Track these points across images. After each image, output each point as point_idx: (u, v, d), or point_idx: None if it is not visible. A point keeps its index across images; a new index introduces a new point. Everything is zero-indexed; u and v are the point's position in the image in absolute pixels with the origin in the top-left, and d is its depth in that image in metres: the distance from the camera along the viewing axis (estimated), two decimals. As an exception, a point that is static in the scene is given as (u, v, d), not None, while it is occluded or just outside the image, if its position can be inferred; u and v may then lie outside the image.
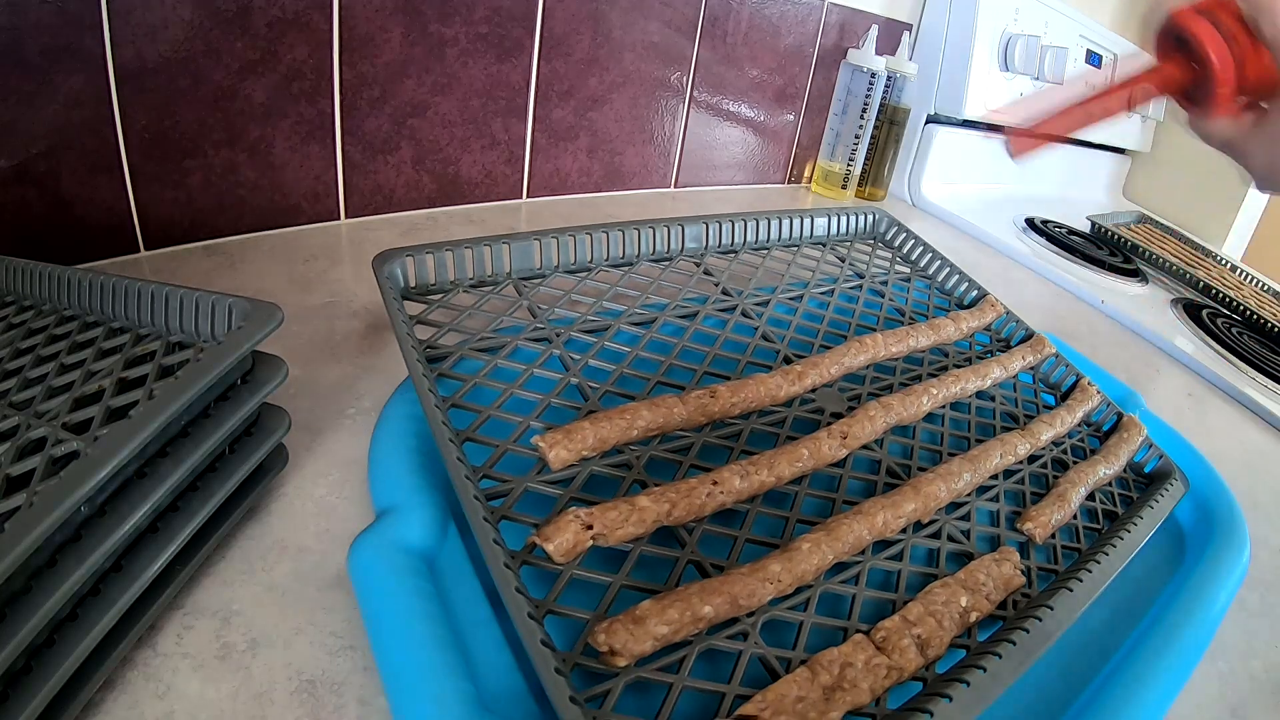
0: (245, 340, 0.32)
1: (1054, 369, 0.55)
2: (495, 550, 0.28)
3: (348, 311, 0.52)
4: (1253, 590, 0.44)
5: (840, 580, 0.33)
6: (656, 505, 0.32)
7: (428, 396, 0.34)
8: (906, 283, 0.61)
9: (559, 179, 0.77)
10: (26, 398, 0.31)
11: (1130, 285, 0.93)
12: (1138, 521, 0.41)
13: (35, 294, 0.38)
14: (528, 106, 0.70)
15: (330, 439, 0.40)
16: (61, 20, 0.44)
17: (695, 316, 0.48)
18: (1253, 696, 0.37)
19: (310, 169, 0.60)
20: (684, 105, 0.83)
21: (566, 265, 0.49)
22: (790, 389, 0.43)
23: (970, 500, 0.40)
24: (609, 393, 0.40)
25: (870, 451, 0.42)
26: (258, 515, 0.35)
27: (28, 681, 0.23)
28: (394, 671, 0.26)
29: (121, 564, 0.27)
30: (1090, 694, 0.34)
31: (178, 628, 0.29)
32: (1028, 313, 0.60)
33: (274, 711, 0.27)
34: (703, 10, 0.78)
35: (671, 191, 0.88)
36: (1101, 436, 0.51)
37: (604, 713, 0.25)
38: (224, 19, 0.51)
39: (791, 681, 0.27)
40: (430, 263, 0.44)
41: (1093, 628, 0.37)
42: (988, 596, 0.34)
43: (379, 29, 0.58)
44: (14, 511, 0.24)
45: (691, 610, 0.28)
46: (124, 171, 0.51)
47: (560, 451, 0.34)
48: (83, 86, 0.47)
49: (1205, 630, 0.37)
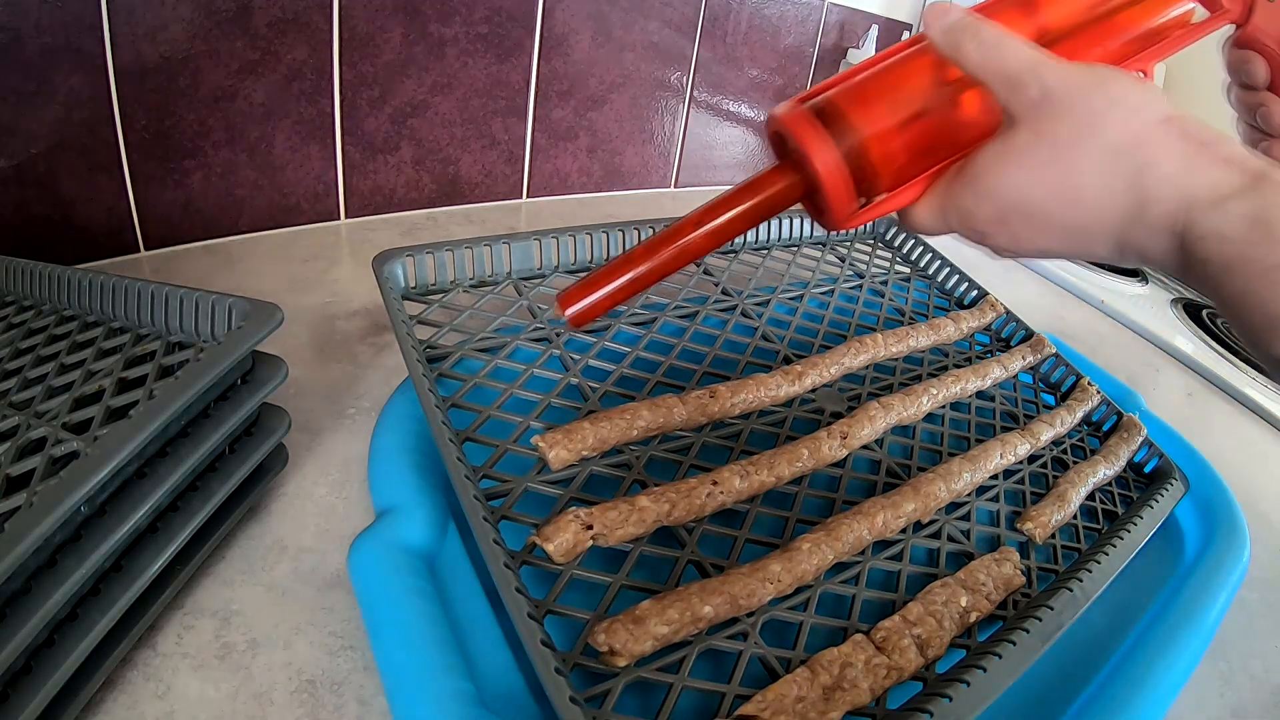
0: (245, 340, 0.32)
1: (1054, 369, 0.55)
2: (495, 550, 0.28)
3: (348, 311, 0.52)
4: (1253, 590, 0.44)
5: (840, 580, 0.33)
6: (656, 505, 0.32)
7: (428, 396, 0.34)
8: (906, 283, 0.61)
9: (559, 179, 0.77)
10: (26, 398, 0.31)
11: (1130, 285, 0.93)
12: (1138, 521, 0.40)
13: (35, 294, 0.38)
14: (527, 106, 0.70)
15: (330, 439, 0.40)
16: (61, 20, 0.44)
17: (695, 316, 0.48)
18: (1253, 696, 0.37)
19: (310, 169, 0.60)
20: (684, 105, 0.83)
21: (566, 265, 0.49)
22: (790, 389, 0.43)
23: (970, 500, 0.40)
24: (609, 393, 0.40)
25: (870, 451, 0.42)
26: (258, 515, 0.35)
27: (28, 681, 0.23)
28: (394, 671, 0.26)
29: (121, 564, 0.27)
30: (1090, 694, 0.34)
31: (178, 628, 0.29)
32: (1028, 313, 0.60)
33: (274, 711, 0.27)
34: (703, 10, 0.78)
35: (671, 191, 0.88)
36: (1101, 436, 0.51)
37: (604, 713, 0.25)
38: (224, 19, 0.51)
39: (791, 681, 0.27)
40: (430, 263, 0.44)
41: (1093, 628, 0.37)
42: (988, 596, 0.34)
43: (379, 29, 0.58)
44: (14, 511, 0.24)
45: (691, 610, 0.28)
46: (124, 171, 0.51)
47: (560, 451, 0.34)
48: (83, 86, 0.47)
49: (1205, 630, 0.37)
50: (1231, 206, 0.22)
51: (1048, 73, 0.24)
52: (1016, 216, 0.25)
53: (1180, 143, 0.23)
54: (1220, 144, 0.23)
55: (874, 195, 0.28)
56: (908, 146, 0.27)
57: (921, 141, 0.27)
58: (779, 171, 0.27)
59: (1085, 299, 0.85)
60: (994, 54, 0.25)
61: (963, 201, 0.27)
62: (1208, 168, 0.23)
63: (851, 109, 0.26)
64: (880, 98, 0.27)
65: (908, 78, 0.27)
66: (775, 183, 0.27)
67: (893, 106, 0.27)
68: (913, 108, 0.27)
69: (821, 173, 0.26)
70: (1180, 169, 0.23)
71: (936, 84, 0.27)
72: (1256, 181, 0.22)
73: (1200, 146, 0.23)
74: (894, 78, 0.27)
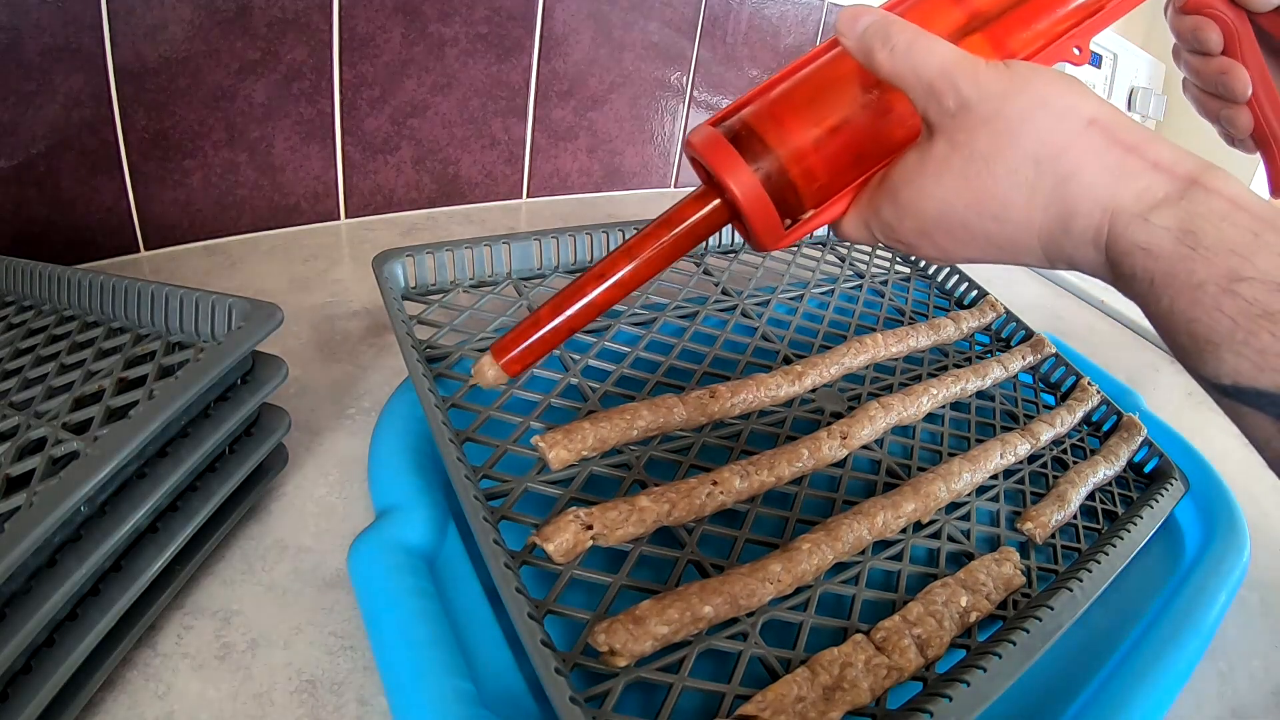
0: (245, 340, 0.32)
1: (1054, 369, 0.55)
2: (495, 550, 0.28)
3: (348, 311, 0.52)
4: (1253, 590, 0.44)
5: (840, 580, 0.33)
6: (656, 505, 0.32)
7: (428, 396, 0.34)
8: (906, 283, 0.61)
9: (559, 179, 0.77)
10: (26, 398, 0.31)
11: (1130, 285, 0.93)
12: (1138, 521, 0.40)
13: (35, 294, 0.38)
14: (528, 106, 0.70)
15: (330, 439, 0.40)
16: (61, 20, 0.44)
17: (695, 316, 0.48)
18: (1253, 696, 0.37)
19: (310, 169, 0.60)
20: (684, 105, 0.83)
21: (566, 265, 0.49)
22: (790, 389, 0.43)
23: (970, 500, 0.40)
24: (609, 393, 0.40)
25: (870, 451, 0.42)
26: (258, 515, 0.35)
27: (28, 681, 0.23)
28: (394, 671, 0.26)
29: (121, 564, 0.27)
30: (1090, 694, 0.34)
31: (178, 628, 0.29)
32: (1028, 313, 0.60)
33: (274, 711, 0.27)
34: (703, 10, 0.78)
35: (671, 191, 0.88)
36: (1101, 436, 0.51)
37: (604, 713, 0.25)
38: (224, 19, 0.51)
39: (791, 681, 0.27)
40: (430, 263, 0.44)
41: (1093, 628, 0.37)
42: (988, 596, 0.34)
43: (379, 29, 0.58)
44: (14, 511, 0.24)
45: (691, 610, 0.28)
46: (124, 171, 0.51)
47: (560, 451, 0.34)
48: (83, 86, 0.47)
49: (1205, 630, 0.37)
50: (1157, 217, 0.20)
51: (963, 80, 0.22)
52: (938, 230, 0.24)
53: (1105, 148, 0.21)
54: (1150, 145, 0.21)
55: (800, 214, 0.26)
56: (830, 162, 0.26)
57: (845, 155, 0.26)
58: (703, 198, 0.26)
59: (1085, 299, 0.85)
60: (905, 61, 0.23)
61: (884, 214, 0.25)
62: (1134, 175, 0.21)
63: (765, 129, 0.25)
64: (796, 114, 0.25)
65: (825, 88, 0.26)
66: (698, 209, 0.26)
67: (810, 122, 0.25)
68: (831, 121, 0.25)
69: (740, 199, 0.25)
70: (1104, 178, 0.21)
71: (855, 92, 0.25)
72: (1186, 188, 0.20)
73: (1126, 151, 0.21)
74: (810, 89, 0.26)
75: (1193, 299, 0.20)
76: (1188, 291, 0.20)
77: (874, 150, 0.26)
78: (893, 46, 0.23)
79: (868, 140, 0.26)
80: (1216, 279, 0.19)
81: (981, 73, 0.22)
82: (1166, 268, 0.20)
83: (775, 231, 0.26)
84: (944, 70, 0.22)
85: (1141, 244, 0.21)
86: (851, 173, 0.26)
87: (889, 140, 0.26)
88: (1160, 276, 0.20)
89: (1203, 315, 0.20)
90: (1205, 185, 0.20)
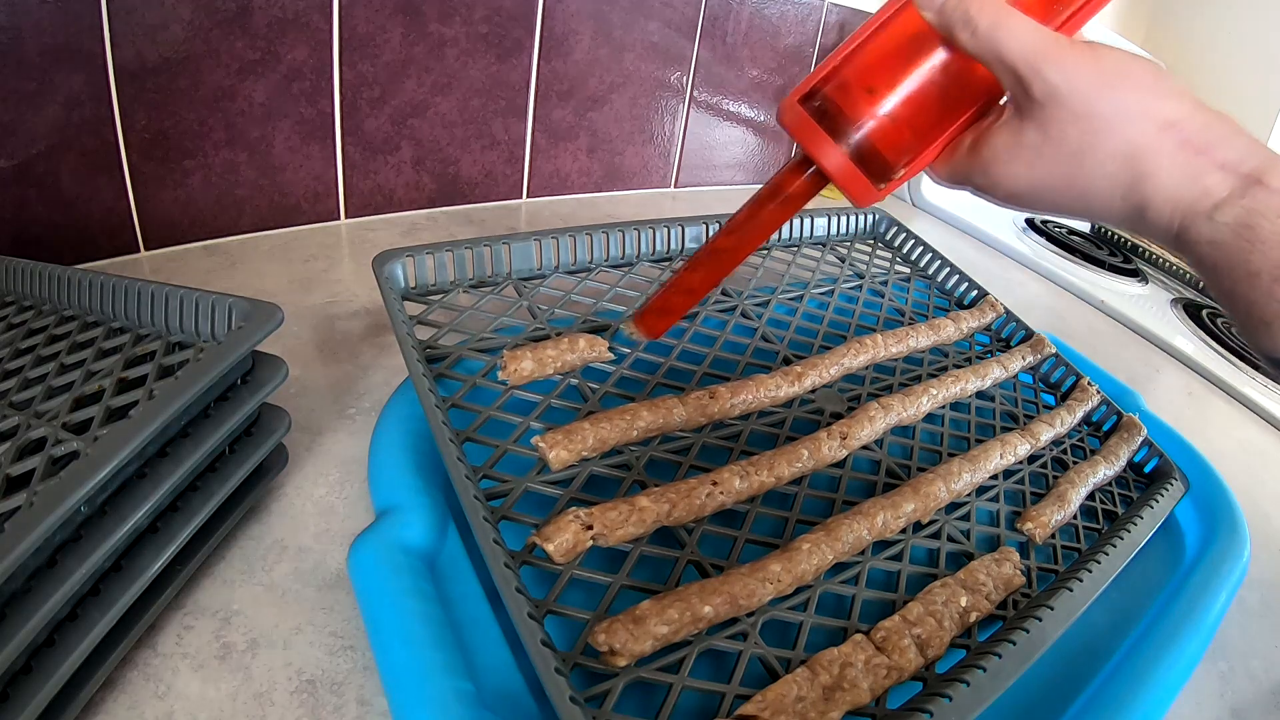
0: (245, 340, 0.32)
1: (1054, 369, 0.55)
2: (495, 550, 0.28)
3: (348, 311, 0.52)
4: (1253, 590, 0.44)
5: (840, 580, 0.33)
6: (656, 505, 0.32)
7: (428, 396, 0.34)
8: (906, 283, 0.61)
9: (559, 179, 0.77)
10: (26, 398, 0.31)
11: (1130, 285, 0.93)
12: (1138, 521, 0.40)
13: (35, 294, 0.38)
14: (528, 106, 0.70)
15: (330, 439, 0.40)
16: (61, 20, 0.44)
17: (695, 317, 0.48)
18: (1253, 696, 0.37)
19: (310, 169, 0.60)
20: (684, 105, 0.83)
21: (566, 266, 0.49)
22: (790, 389, 0.43)
23: (970, 500, 0.40)
24: (609, 393, 0.40)
25: (870, 452, 0.42)
26: (258, 515, 0.35)
27: (28, 681, 0.23)
28: (394, 671, 0.26)
29: (121, 564, 0.27)
30: (1090, 694, 0.34)
31: (178, 628, 0.29)
32: (1028, 313, 0.60)
33: (274, 711, 0.27)
34: (703, 10, 0.78)
35: (671, 191, 0.88)
36: (1101, 436, 0.51)
37: (604, 713, 0.25)
38: (224, 19, 0.51)
39: (791, 681, 0.27)
40: (430, 263, 0.44)
41: (1093, 628, 0.37)
42: (988, 596, 0.34)
43: (379, 29, 0.58)
44: (14, 511, 0.24)
45: (691, 610, 0.28)
46: (124, 171, 0.51)
47: (560, 452, 0.34)
48: (83, 86, 0.47)
49: (1205, 630, 0.37)
50: (1220, 214, 0.23)
51: (1050, 69, 0.24)
52: (1026, 200, 0.27)
53: (1178, 151, 0.24)
54: (1219, 147, 0.23)
55: (891, 173, 0.28)
56: (915, 128, 0.27)
57: (929, 117, 0.27)
58: (800, 166, 0.28)
59: (1085, 299, 0.85)
60: (988, 44, 0.24)
61: (975, 180, 0.28)
62: (1202, 175, 0.23)
63: (850, 104, 0.26)
64: (879, 85, 0.26)
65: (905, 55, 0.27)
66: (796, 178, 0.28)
67: (893, 92, 0.26)
68: (914, 88, 0.26)
69: (833, 174, 0.27)
70: (1175, 179, 0.24)
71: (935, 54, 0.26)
72: (1248, 187, 0.23)
73: (1196, 154, 0.23)
74: (891, 57, 0.27)
75: (1250, 285, 0.23)
76: (1245, 279, 0.23)
77: (958, 107, 0.27)
78: (974, 29, 0.24)
79: (951, 100, 0.27)
80: (1270, 269, 0.22)
81: (1069, 61, 0.24)
82: (1227, 258, 0.23)
83: (870, 194, 0.28)
84: (1027, 57, 0.24)
85: (1206, 238, 0.24)
86: (937, 130, 0.28)
87: (972, 94, 0.27)
88: (1222, 264, 0.23)
89: (1259, 299, 0.23)
90: (1267, 184, 0.23)
